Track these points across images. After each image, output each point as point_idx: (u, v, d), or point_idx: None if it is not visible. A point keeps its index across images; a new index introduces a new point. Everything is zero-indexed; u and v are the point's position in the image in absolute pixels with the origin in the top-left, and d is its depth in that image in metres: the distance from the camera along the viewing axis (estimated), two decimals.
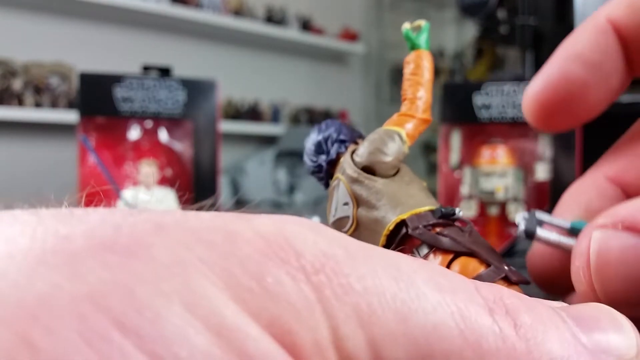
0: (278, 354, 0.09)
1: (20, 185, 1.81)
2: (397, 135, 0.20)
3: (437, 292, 0.11)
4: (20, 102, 1.95)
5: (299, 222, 0.11)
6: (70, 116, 1.83)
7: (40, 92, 2.00)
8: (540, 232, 0.16)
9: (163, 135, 0.75)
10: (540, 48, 1.35)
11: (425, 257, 0.18)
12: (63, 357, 0.08)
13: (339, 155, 0.21)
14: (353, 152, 0.20)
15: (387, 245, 0.18)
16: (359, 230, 0.19)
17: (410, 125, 0.20)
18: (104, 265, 0.09)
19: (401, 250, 0.18)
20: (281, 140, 2.27)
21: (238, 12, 2.51)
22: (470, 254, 0.17)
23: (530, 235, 0.16)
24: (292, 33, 2.68)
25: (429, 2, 3.18)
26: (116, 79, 0.70)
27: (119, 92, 0.70)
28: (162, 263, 0.09)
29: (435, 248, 0.18)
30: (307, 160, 0.22)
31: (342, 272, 0.10)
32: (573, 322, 0.12)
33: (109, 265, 0.09)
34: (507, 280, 0.17)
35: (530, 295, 0.13)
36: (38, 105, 1.99)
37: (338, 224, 0.20)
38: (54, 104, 2.02)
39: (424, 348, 0.10)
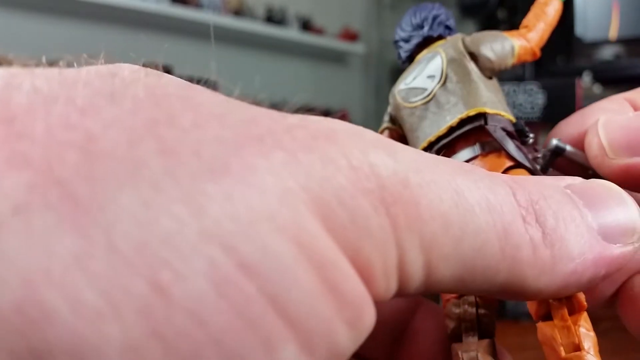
0: (359, 285, 0.10)
1: None
2: (511, 47, 0.19)
3: (488, 212, 0.12)
4: None
5: (376, 141, 0.11)
6: None
7: None
8: (570, 148, 0.18)
9: None
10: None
11: (476, 158, 0.18)
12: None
13: (438, 37, 0.20)
14: (462, 38, 0.19)
15: (449, 131, 0.18)
16: (428, 105, 0.19)
17: (523, 50, 0.20)
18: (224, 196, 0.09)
19: (456, 144, 0.18)
20: None
21: (238, 12, 2.51)
22: (530, 170, 0.17)
23: (561, 151, 0.18)
24: (292, 33, 2.68)
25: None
26: None
27: None
28: (273, 193, 0.09)
29: (488, 152, 0.18)
30: (401, 31, 0.21)
31: (414, 202, 0.11)
32: (584, 204, 0.13)
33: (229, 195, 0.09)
34: None
35: None
36: None
37: (406, 93, 0.19)
38: None
39: (469, 266, 0.11)
